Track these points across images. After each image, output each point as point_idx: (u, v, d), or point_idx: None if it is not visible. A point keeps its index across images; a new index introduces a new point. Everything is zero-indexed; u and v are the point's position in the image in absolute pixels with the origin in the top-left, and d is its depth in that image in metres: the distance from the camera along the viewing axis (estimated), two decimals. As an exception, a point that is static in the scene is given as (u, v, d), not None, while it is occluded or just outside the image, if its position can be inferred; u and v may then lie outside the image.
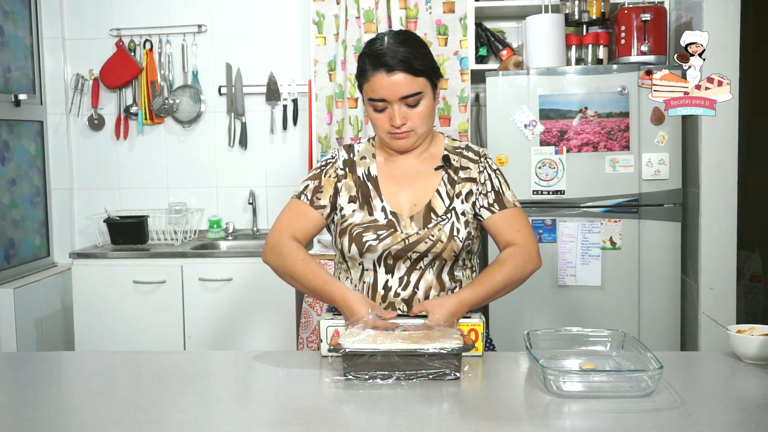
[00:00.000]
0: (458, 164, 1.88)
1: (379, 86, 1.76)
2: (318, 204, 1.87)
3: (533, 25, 3.23)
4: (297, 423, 1.38)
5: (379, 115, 1.80)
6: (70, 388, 1.66)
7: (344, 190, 1.87)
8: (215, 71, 3.92)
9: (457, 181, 1.87)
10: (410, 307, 1.81)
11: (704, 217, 3.07)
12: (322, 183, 1.88)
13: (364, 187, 1.86)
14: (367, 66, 1.78)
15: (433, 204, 1.84)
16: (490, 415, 1.39)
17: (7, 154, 3.64)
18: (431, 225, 1.81)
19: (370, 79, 1.77)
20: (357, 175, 1.88)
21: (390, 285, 1.81)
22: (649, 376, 1.46)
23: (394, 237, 1.79)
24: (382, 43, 1.78)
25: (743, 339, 1.65)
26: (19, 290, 3.42)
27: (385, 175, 1.88)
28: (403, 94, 1.76)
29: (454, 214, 1.83)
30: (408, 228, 1.81)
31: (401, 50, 1.75)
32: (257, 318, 3.41)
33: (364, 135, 3.57)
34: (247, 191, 3.91)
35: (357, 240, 1.80)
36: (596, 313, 3.11)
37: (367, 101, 1.81)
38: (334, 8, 3.57)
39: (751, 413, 1.40)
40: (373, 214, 1.82)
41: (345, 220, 1.83)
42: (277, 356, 1.81)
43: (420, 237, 1.80)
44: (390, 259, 1.80)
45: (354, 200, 1.85)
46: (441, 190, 1.86)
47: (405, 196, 1.85)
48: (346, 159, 1.90)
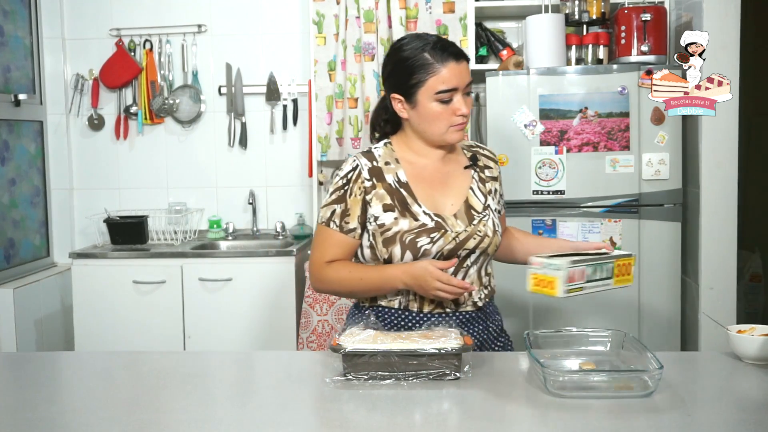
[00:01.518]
0: (482, 163, 1.94)
1: (452, 75, 1.77)
2: (348, 228, 1.84)
3: (533, 25, 3.23)
4: (297, 423, 1.38)
5: (444, 108, 1.79)
6: (70, 388, 1.66)
7: (376, 199, 1.82)
8: (215, 71, 3.92)
9: (485, 179, 1.92)
10: (458, 304, 1.82)
11: (704, 217, 3.07)
12: (348, 205, 1.84)
13: (398, 193, 1.83)
14: (430, 60, 1.77)
15: (470, 201, 1.86)
16: (490, 415, 1.39)
17: (7, 154, 3.64)
18: (476, 221, 1.83)
19: (439, 70, 1.77)
20: (388, 182, 1.84)
21: None
22: (649, 376, 1.46)
23: (445, 237, 1.79)
24: (430, 37, 1.81)
25: (743, 339, 1.65)
26: (18, 290, 3.42)
27: (416, 180, 1.86)
28: (468, 80, 1.81)
29: (490, 210, 1.88)
30: (456, 227, 1.81)
31: (450, 41, 1.83)
32: (257, 318, 3.41)
33: (363, 135, 3.57)
34: (247, 191, 3.91)
35: (411, 246, 1.78)
36: (596, 313, 3.10)
37: (433, 96, 1.78)
38: (334, 8, 3.57)
39: (751, 413, 1.40)
40: (418, 219, 1.80)
41: (388, 229, 1.80)
42: (277, 356, 1.81)
43: (469, 234, 1.81)
44: (441, 259, 1.80)
45: (391, 208, 1.81)
46: (474, 187, 1.89)
47: (441, 197, 1.85)
48: (370, 167, 1.85)
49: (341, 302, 3.26)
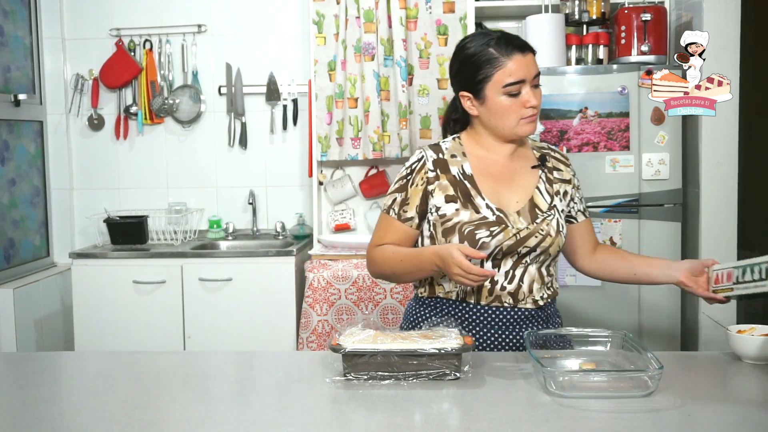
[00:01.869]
0: (551, 164, 1.93)
1: (518, 67, 1.77)
2: (405, 217, 1.87)
3: (533, 25, 3.23)
4: (297, 423, 1.38)
5: (513, 101, 1.79)
6: (70, 388, 1.66)
7: (438, 190, 1.85)
8: (215, 71, 3.92)
9: (553, 180, 1.90)
10: (516, 301, 1.82)
11: (704, 217, 3.07)
12: (408, 195, 1.87)
13: (462, 185, 1.85)
14: (495, 54, 1.78)
15: (536, 200, 1.85)
16: (490, 415, 1.39)
17: (7, 154, 3.64)
18: (539, 220, 1.83)
19: (505, 64, 1.77)
20: (452, 174, 1.86)
21: (497, 279, 1.81)
22: (649, 376, 1.46)
23: (506, 232, 1.79)
24: (493, 32, 1.83)
25: (743, 339, 1.65)
26: (18, 290, 3.42)
27: (482, 173, 1.86)
28: (535, 71, 1.80)
29: (556, 211, 1.87)
30: (518, 223, 1.81)
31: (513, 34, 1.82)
32: (257, 318, 3.41)
33: (363, 135, 3.57)
34: (247, 191, 3.91)
35: (469, 238, 1.79)
36: (596, 313, 3.11)
37: (501, 89, 1.78)
38: (334, 8, 3.57)
39: (751, 413, 1.40)
40: (479, 212, 1.81)
41: (449, 219, 1.82)
42: (277, 356, 1.81)
43: (530, 231, 1.81)
44: (500, 254, 1.80)
45: (454, 200, 1.83)
46: (541, 187, 1.88)
47: (506, 193, 1.85)
48: (435, 159, 1.88)
49: (341, 302, 3.26)
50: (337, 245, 3.56)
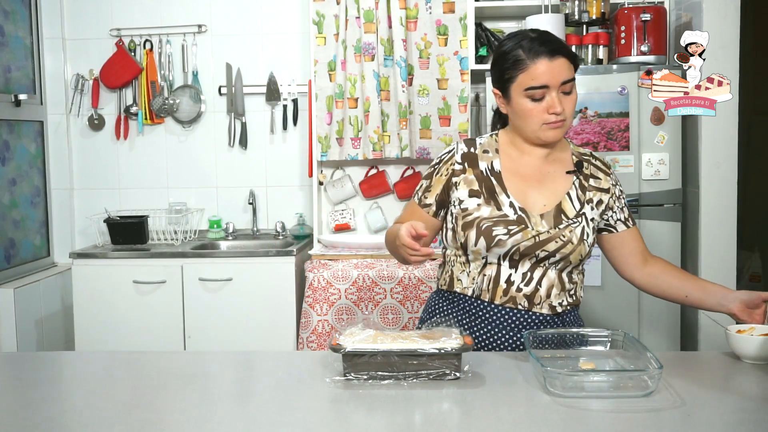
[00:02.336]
0: (588, 171, 1.88)
1: (542, 71, 1.74)
2: (425, 203, 1.90)
3: (533, 25, 3.23)
4: (297, 423, 1.38)
5: (536, 105, 1.77)
6: (70, 388, 1.66)
7: (463, 184, 1.84)
8: (215, 71, 3.92)
9: (587, 188, 1.86)
10: (531, 304, 1.80)
11: (704, 217, 3.07)
12: (432, 182, 1.89)
13: (488, 181, 1.84)
14: (522, 55, 1.75)
15: (563, 206, 1.82)
16: (490, 415, 1.39)
17: (7, 154, 3.64)
18: (563, 226, 1.80)
19: (529, 66, 1.75)
20: (479, 169, 1.85)
21: (513, 280, 1.80)
22: (649, 376, 1.46)
23: (524, 233, 1.78)
24: (528, 34, 1.78)
25: (743, 339, 1.65)
26: (19, 290, 3.42)
27: (511, 172, 1.85)
28: (564, 78, 1.75)
29: (584, 219, 1.83)
30: (539, 226, 1.79)
31: (553, 37, 1.77)
32: (257, 318, 3.41)
33: (363, 135, 3.57)
34: (247, 191, 3.91)
35: (486, 234, 1.78)
36: (596, 313, 3.11)
37: (523, 92, 1.77)
38: (334, 8, 3.57)
39: (751, 413, 1.40)
40: (501, 209, 1.80)
41: (469, 214, 1.81)
42: (277, 356, 1.81)
43: (551, 236, 1.78)
44: (517, 255, 1.79)
45: (477, 194, 1.83)
46: (572, 193, 1.84)
47: (534, 194, 1.83)
48: (465, 152, 1.88)
49: (341, 302, 3.26)
50: (337, 245, 3.56)
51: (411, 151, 3.58)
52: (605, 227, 1.90)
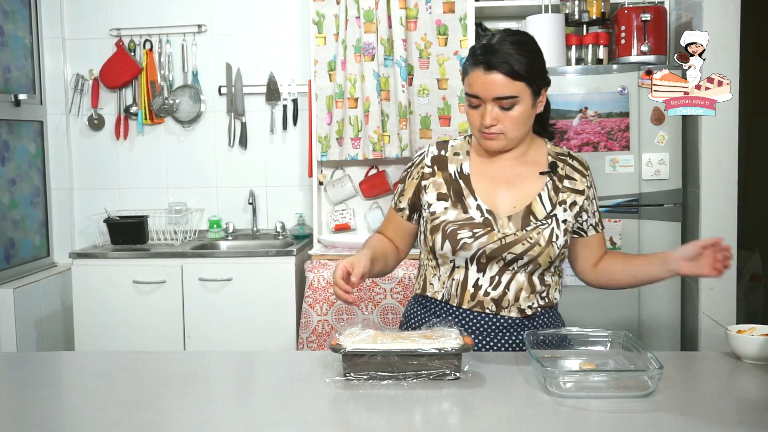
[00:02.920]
0: (563, 172, 1.85)
1: (474, 82, 1.74)
2: (399, 207, 1.91)
3: (533, 25, 3.23)
4: (297, 423, 1.38)
5: (473, 111, 1.77)
6: (70, 388, 1.66)
7: (432, 187, 1.84)
8: (215, 71, 3.92)
9: (561, 189, 1.83)
10: (499, 308, 1.79)
11: (704, 217, 3.07)
12: (405, 186, 1.90)
13: (455, 184, 1.83)
14: (469, 59, 1.77)
15: (533, 207, 1.80)
16: (490, 415, 1.39)
17: (7, 154, 3.64)
18: (530, 228, 1.77)
19: (469, 73, 1.76)
20: (448, 172, 1.85)
21: (480, 284, 1.79)
22: (649, 376, 1.46)
23: (490, 236, 1.77)
24: (491, 39, 1.76)
25: (743, 339, 1.65)
26: (19, 290, 3.42)
27: (480, 174, 1.84)
28: (497, 94, 1.71)
29: (554, 221, 1.80)
30: (505, 228, 1.77)
31: (505, 50, 1.71)
32: (257, 318, 3.41)
33: (363, 135, 3.57)
34: (247, 191, 3.91)
35: (451, 237, 1.78)
36: (596, 313, 3.11)
37: (465, 95, 1.80)
38: (334, 8, 3.57)
39: (751, 413, 1.40)
40: (467, 212, 1.79)
41: (437, 217, 1.81)
42: (277, 356, 1.81)
43: (517, 238, 1.76)
44: (484, 258, 1.77)
45: (445, 198, 1.82)
46: (543, 195, 1.81)
47: (502, 196, 1.82)
48: (435, 156, 1.88)
49: (341, 302, 3.26)
50: (337, 245, 3.56)
51: (411, 151, 3.58)
52: (578, 230, 1.87)
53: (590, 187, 1.87)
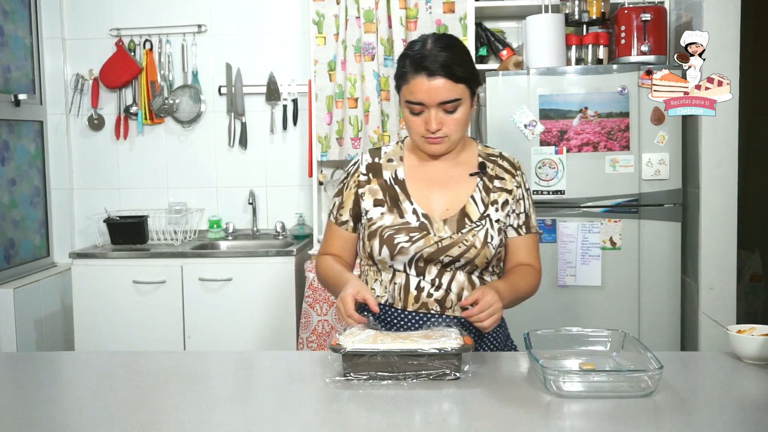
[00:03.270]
0: (493, 172, 1.86)
1: (418, 89, 1.74)
2: (341, 221, 1.90)
3: (533, 25, 3.23)
4: (297, 423, 1.38)
5: (415, 118, 1.78)
6: (70, 388, 1.66)
7: (368, 194, 1.85)
8: (215, 71, 3.92)
9: (492, 189, 1.85)
10: (443, 308, 1.80)
11: (704, 217, 3.07)
12: (343, 198, 1.90)
13: (391, 190, 1.84)
14: (407, 68, 1.76)
15: (467, 209, 1.82)
16: (490, 415, 1.39)
17: (7, 154, 3.64)
18: (465, 230, 1.79)
19: (409, 81, 1.75)
20: (383, 179, 1.86)
21: (422, 286, 1.80)
22: (649, 376, 1.46)
23: (426, 239, 1.78)
24: (425, 45, 1.76)
25: (743, 339, 1.65)
26: (19, 290, 3.42)
27: (414, 178, 1.85)
28: (441, 99, 1.73)
29: (488, 221, 1.81)
30: (441, 231, 1.79)
31: (443, 55, 1.73)
32: (257, 318, 3.41)
33: (363, 135, 3.57)
34: (247, 191, 3.91)
35: (388, 242, 1.79)
36: (596, 313, 3.10)
37: (405, 103, 1.78)
38: (334, 8, 3.57)
39: (751, 413, 1.40)
40: (404, 217, 1.81)
41: (373, 223, 1.82)
42: (277, 356, 1.81)
43: (453, 241, 1.78)
44: (421, 261, 1.78)
45: (381, 203, 1.83)
46: (476, 196, 1.83)
47: (437, 199, 1.83)
48: (370, 163, 1.89)
49: (341, 302, 3.26)
50: (337, 245, 3.55)
51: (411, 151, 3.57)
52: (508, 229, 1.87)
53: (519, 188, 1.87)
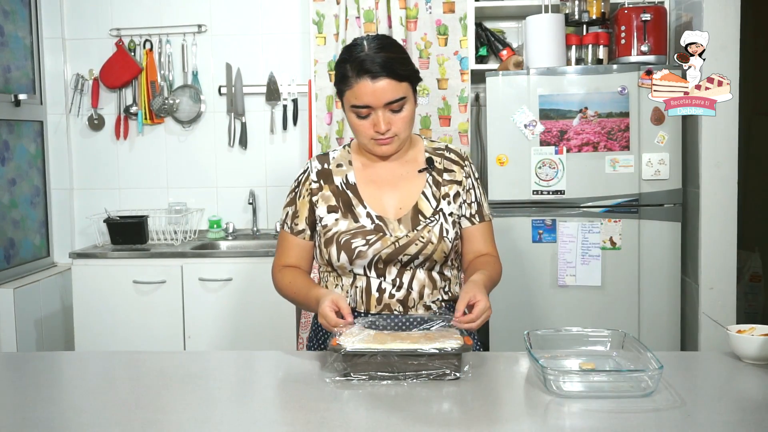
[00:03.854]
0: (441, 166, 1.88)
1: (363, 93, 1.74)
2: (297, 230, 1.90)
3: (533, 25, 3.23)
4: (297, 423, 1.38)
5: (362, 121, 1.78)
6: (70, 388, 1.66)
7: (321, 201, 1.86)
8: (215, 71, 3.92)
9: (442, 182, 1.86)
10: (406, 308, 1.81)
11: (704, 217, 3.07)
12: (297, 207, 1.90)
13: (344, 195, 1.85)
14: (349, 72, 1.75)
15: (420, 206, 1.83)
16: (490, 415, 1.39)
17: (7, 154, 3.64)
18: (420, 227, 1.80)
19: (353, 85, 1.75)
20: (335, 184, 1.87)
21: (384, 287, 1.81)
22: (649, 376, 1.46)
23: (383, 241, 1.79)
24: (362, 49, 1.76)
25: (743, 339, 1.65)
26: (19, 290, 3.42)
27: (365, 181, 1.86)
28: (387, 99, 1.75)
29: (442, 215, 1.83)
30: (397, 231, 1.80)
31: (382, 55, 1.74)
32: (257, 318, 3.41)
33: (364, 135, 3.57)
34: (247, 191, 3.91)
35: (346, 247, 1.79)
36: (596, 313, 3.11)
37: (350, 108, 1.78)
38: (334, 8, 3.57)
39: (751, 413, 1.40)
40: (358, 221, 1.82)
41: (329, 230, 1.83)
42: (277, 356, 1.81)
43: (410, 239, 1.79)
44: (380, 263, 1.80)
45: (335, 210, 1.84)
46: (427, 192, 1.85)
47: (389, 200, 1.84)
48: (319, 170, 1.89)
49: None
50: (337, 245, 3.55)
51: (411, 151, 3.57)
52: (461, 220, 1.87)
53: (468, 177, 1.89)
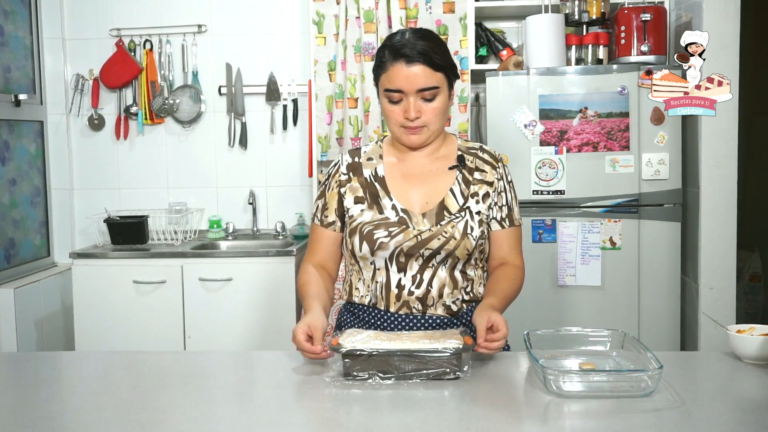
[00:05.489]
0: (473, 165, 1.87)
1: (396, 77, 1.75)
2: (327, 222, 1.91)
3: (533, 25, 3.23)
4: (297, 423, 1.38)
5: (394, 107, 1.79)
6: (70, 388, 1.66)
7: (349, 192, 1.87)
8: (215, 71, 3.92)
9: (472, 181, 1.85)
10: (425, 306, 1.80)
11: (704, 217, 3.07)
12: (327, 199, 1.91)
13: (371, 187, 1.86)
14: (386, 57, 1.78)
15: (446, 202, 1.82)
16: (490, 415, 1.39)
17: (7, 154, 3.64)
18: (444, 222, 1.80)
19: (388, 69, 1.77)
20: (363, 177, 1.88)
21: (403, 284, 1.80)
22: (649, 376, 1.46)
23: (405, 233, 1.78)
24: (403, 36, 1.78)
25: (743, 339, 1.65)
26: (19, 290, 3.42)
27: (393, 174, 1.87)
28: (420, 86, 1.75)
29: (468, 213, 1.82)
30: (420, 224, 1.79)
31: (421, 43, 1.76)
32: (257, 318, 3.41)
33: (364, 135, 3.57)
34: (247, 191, 3.91)
35: (368, 238, 1.79)
36: (596, 313, 3.11)
37: (383, 92, 1.80)
38: (334, 8, 3.57)
39: (751, 413, 1.40)
40: (383, 213, 1.82)
41: (354, 220, 1.83)
42: (277, 356, 1.81)
43: (433, 233, 1.78)
44: (402, 256, 1.79)
45: (361, 201, 1.85)
46: (455, 189, 1.84)
47: (416, 194, 1.84)
48: (350, 163, 1.91)
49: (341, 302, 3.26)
50: (337, 245, 3.55)
51: (411, 151, 3.57)
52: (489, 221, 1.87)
53: (500, 180, 1.88)
